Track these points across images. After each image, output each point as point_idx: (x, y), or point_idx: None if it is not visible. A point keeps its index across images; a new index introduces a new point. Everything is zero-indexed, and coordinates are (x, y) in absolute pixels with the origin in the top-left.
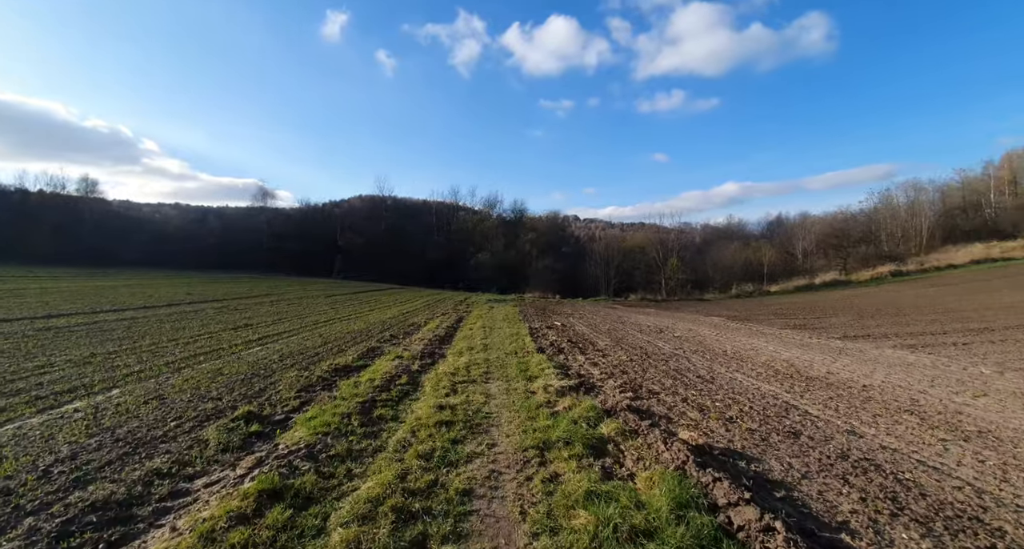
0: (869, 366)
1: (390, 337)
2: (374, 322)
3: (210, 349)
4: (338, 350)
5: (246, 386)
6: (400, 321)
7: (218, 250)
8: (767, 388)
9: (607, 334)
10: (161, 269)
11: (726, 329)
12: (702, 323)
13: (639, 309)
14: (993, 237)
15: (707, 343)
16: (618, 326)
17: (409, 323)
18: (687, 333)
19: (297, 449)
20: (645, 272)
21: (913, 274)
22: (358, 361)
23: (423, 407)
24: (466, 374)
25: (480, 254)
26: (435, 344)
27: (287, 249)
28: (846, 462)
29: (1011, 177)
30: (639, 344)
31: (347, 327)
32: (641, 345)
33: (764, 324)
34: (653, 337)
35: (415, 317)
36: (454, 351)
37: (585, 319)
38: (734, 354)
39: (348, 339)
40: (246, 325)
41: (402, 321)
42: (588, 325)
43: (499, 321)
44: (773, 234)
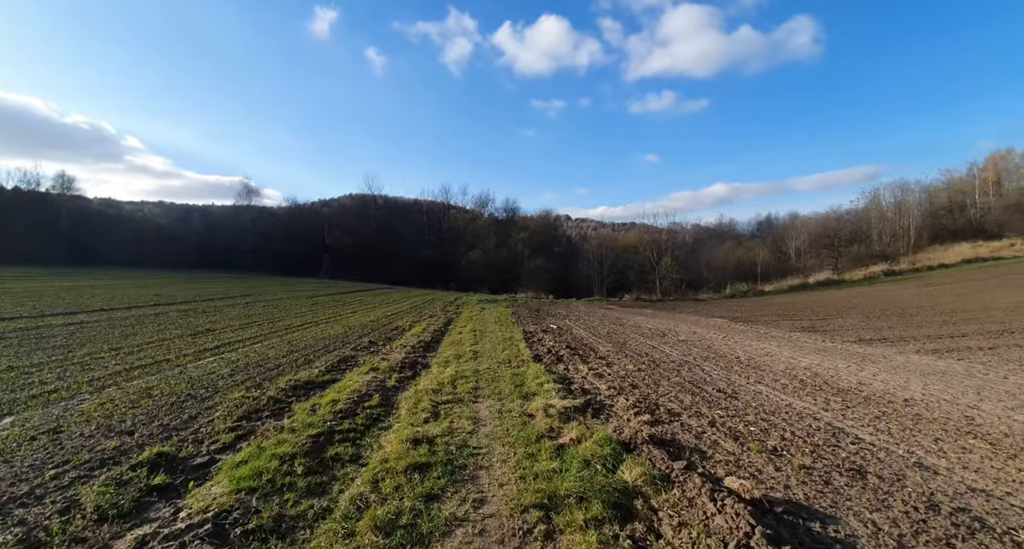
0: (900, 375)
1: (368, 344)
2: (354, 326)
3: (153, 360)
4: (304, 361)
5: (173, 413)
6: (383, 325)
7: (201, 249)
8: (800, 404)
9: (607, 338)
10: (139, 268)
11: (732, 332)
12: (705, 325)
13: (636, 310)
14: (978, 237)
15: (716, 348)
16: (618, 329)
17: (392, 327)
18: (692, 337)
19: (203, 520)
20: (639, 272)
21: (906, 273)
22: (325, 375)
23: (394, 441)
24: (451, 391)
25: (471, 253)
26: (418, 352)
27: (273, 249)
28: (939, 516)
29: (995, 178)
30: (644, 350)
31: (322, 332)
32: (646, 351)
33: (770, 326)
34: (657, 341)
35: (400, 320)
36: (440, 360)
37: (582, 321)
38: (749, 361)
39: (320, 347)
40: (208, 330)
41: (385, 325)
42: (586, 328)
43: (491, 324)
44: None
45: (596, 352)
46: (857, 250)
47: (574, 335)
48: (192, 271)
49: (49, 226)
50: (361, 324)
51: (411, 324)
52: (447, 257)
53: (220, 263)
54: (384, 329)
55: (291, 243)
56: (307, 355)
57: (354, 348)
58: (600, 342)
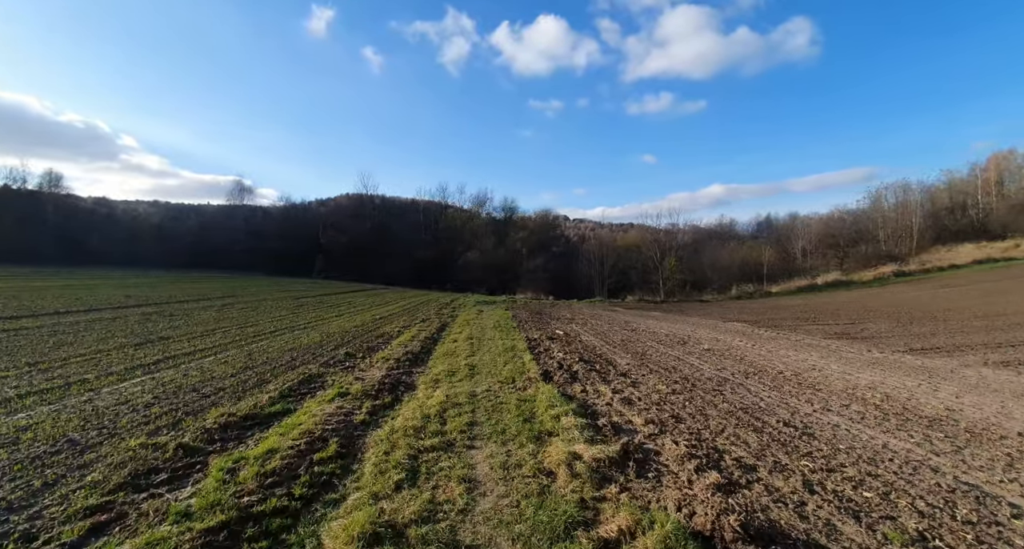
0: (988, 397)
1: (345, 357)
2: (333, 333)
3: (64, 382)
4: (257, 382)
5: (23, 479)
6: (367, 331)
7: (194, 249)
8: (898, 445)
9: (623, 347)
10: (130, 268)
11: (759, 339)
12: (725, 330)
13: (643, 312)
14: (981, 237)
15: (752, 360)
16: (631, 335)
17: (378, 334)
18: (717, 345)
19: None
20: (641, 272)
21: (916, 274)
22: (274, 405)
23: (340, 537)
24: (439, 428)
25: (469, 253)
26: (404, 367)
27: (267, 248)
28: None
29: (997, 178)
30: (669, 363)
31: (294, 341)
32: (672, 365)
33: (798, 332)
34: (680, 351)
35: (388, 325)
36: (428, 379)
37: (589, 326)
38: (798, 378)
39: (283, 361)
40: (161, 339)
41: (370, 331)
42: (596, 334)
43: (489, 330)
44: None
45: (615, 366)
46: (865, 250)
47: (584, 343)
48: (184, 270)
49: (36, 224)
50: (343, 330)
51: (400, 330)
52: (444, 257)
53: (213, 262)
54: (368, 336)
55: (285, 243)
56: (263, 373)
57: (325, 363)
58: (616, 352)
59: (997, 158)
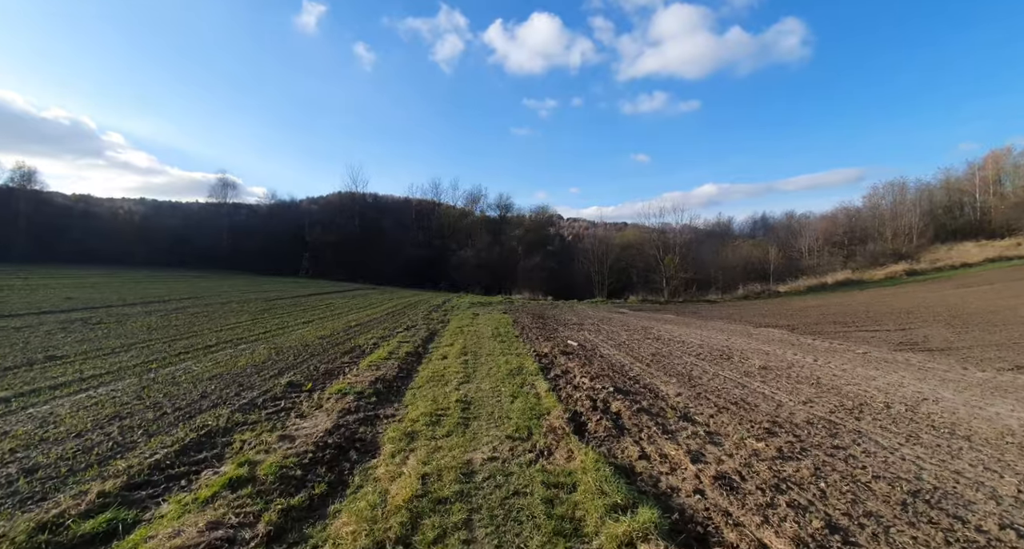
0: None
1: (285, 390)
2: (288, 347)
3: None
4: (109, 450)
5: None
6: (335, 344)
7: (175, 247)
8: None
9: (659, 365)
10: (106, 266)
11: (813, 351)
12: (764, 339)
13: (655, 315)
14: (980, 236)
15: (833, 384)
16: (659, 347)
17: (348, 348)
18: (770, 360)
19: None
20: (642, 271)
21: (929, 273)
22: (92, 516)
23: None
24: None
25: (463, 252)
26: (367, 407)
27: (252, 246)
28: None
29: (995, 176)
30: (732, 392)
31: (228, 362)
32: (738, 394)
33: (852, 340)
34: (731, 370)
35: (364, 335)
36: (399, 431)
37: (604, 333)
38: (918, 417)
39: (187, 400)
40: (51, 358)
41: (338, 344)
42: (617, 346)
43: (488, 340)
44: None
45: (664, 399)
46: (872, 249)
47: (608, 360)
48: (163, 269)
49: (6, 221)
50: (302, 344)
51: (378, 342)
52: (437, 256)
53: (195, 261)
54: (333, 353)
55: (272, 241)
56: (135, 428)
57: (249, 403)
58: (655, 375)
59: (995, 156)
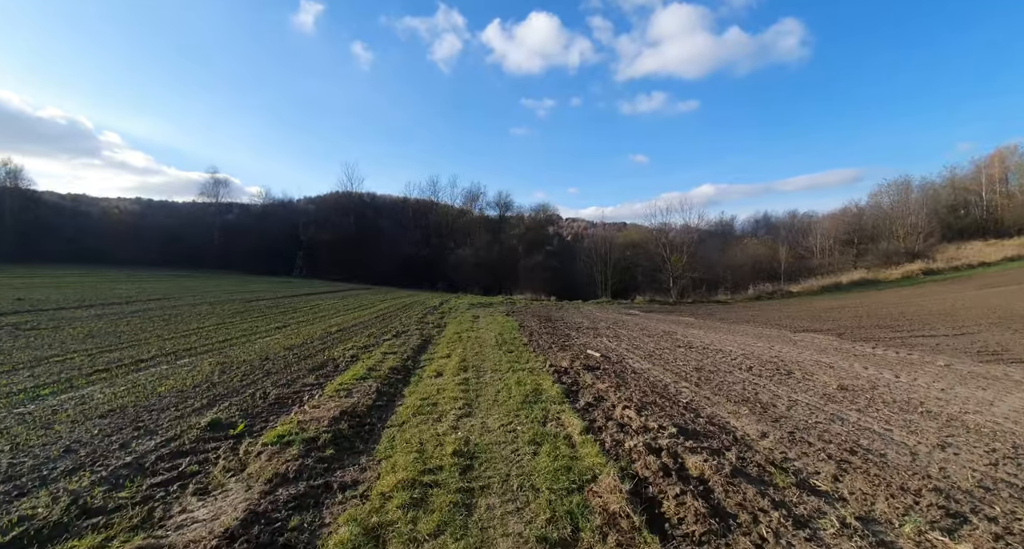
0: None
1: (198, 440)
2: (241, 362)
3: None
4: None
5: None
6: (303, 357)
7: (166, 246)
8: None
9: (710, 385)
10: (92, 266)
11: (884, 363)
12: (813, 347)
13: (670, 317)
14: (988, 235)
15: (960, 419)
16: (698, 359)
17: (318, 362)
18: (844, 377)
19: None
20: (647, 270)
21: (946, 273)
22: None
23: None
24: None
25: (461, 251)
26: (311, 477)
27: (244, 246)
28: None
29: (1002, 175)
30: (832, 431)
31: (144, 388)
32: (846, 436)
33: (914, 348)
34: (808, 394)
35: (342, 344)
36: (353, 532)
37: (625, 340)
38: None
39: (31, 468)
40: None
41: (306, 358)
42: (647, 357)
43: (491, 349)
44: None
45: (748, 444)
46: (886, 247)
47: (643, 376)
48: (150, 269)
49: None
50: (262, 357)
51: (357, 354)
52: (435, 255)
53: (186, 261)
54: (296, 370)
55: (265, 240)
56: None
57: (133, 464)
58: (714, 400)
59: (1001, 154)
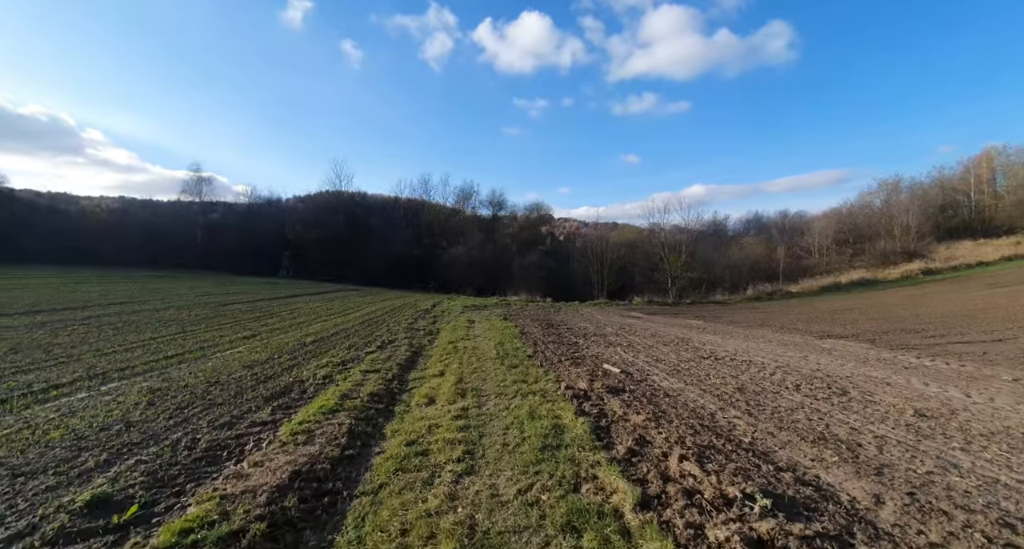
0: None
1: (63, 534)
2: (180, 389)
3: None
4: None
5: None
6: (263, 379)
7: (145, 246)
8: None
9: (766, 415)
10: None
11: (943, 378)
12: (847, 356)
13: (677, 320)
14: (978, 234)
15: None
16: (732, 374)
17: (278, 388)
18: (912, 399)
19: None
20: (645, 270)
21: (945, 272)
22: None
23: None
24: None
25: (454, 250)
26: None
27: (228, 245)
28: None
29: (989, 175)
30: (951, 485)
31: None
32: (981, 502)
33: (960, 358)
34: (888, 426)
35: (315, 360)
36: None
37: (642, 350)
38: None
39: None
40: None
41: (267, 380)
42: (674, 372)
43: (492, 364)
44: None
45: (871, 521)
46: (883, 247)
47: (679, 400)
48: (127, 269)
49: None
50: (210, 380)
51: (330, 373)
52: (427, 255)
53: (167, 260)
54: (249, 400)
55: (250, 240)
56: None
57: None
58: (783, 439)
59: (988, 154)
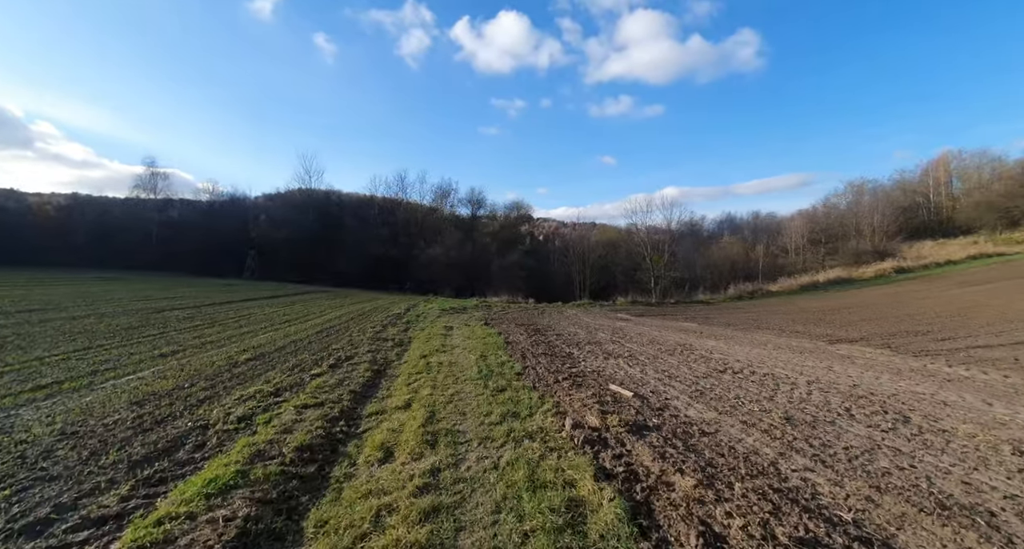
0: None
1: None
2: (22, 441)
3: None
4: None
5: None
6: (159, 418)
7: (92, 245)
8: None
9: (845, 464)
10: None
11: (1000, 394)
12: (877, 366)
13: (670, 323)
14: (937, 235)
15: None
16: (770, 397)
17: (166, 441)
18: (996, 428)
19: None
20: (628, 270)
21: (917, 270)
22: None
23: None
24: None
25: (431, 250)
26: None
27: (188, 245)
28: None
29: (946, 179)
30: None
31: None
32: None
33: (988, 365)
34: (998, 474)
35: (239, 389)
36: None
37: (649, 365)
38: None
39: None
40: None
41: (163, 419)
42: (698, 395)
43: (472, 387)
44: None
45: None
46: (855, 246)
47: (721, 442)
48: (70, 271)
49: None
50: (68, 431)
51: (253, 411)
52: (403, 255)
53: (118, 261)
54: (109, 468)
55: (212, 239)
56: None
57: None
58: (901, 513)
59: (944, 159)
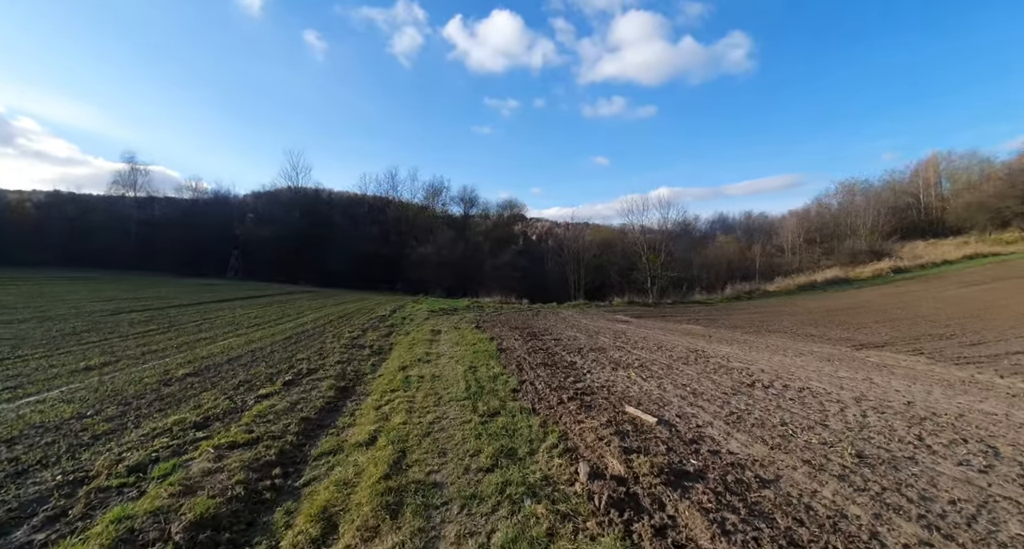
0: None
1: None
2: None
3: None
4: None
5: None
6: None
7: (69, 243)
8: None
9: (958, 532)
10: None
11: None
12: (931, 380)
13: (674, 326)
14: (928, 235)
15: None
16: (821, 420)
17: (13, 509)
18: None
19: None
20: (624, 270)
21: (914, 270)
22: None
23: None
24: None
25: (422, 249)
26: None
27: (169, 243)
28: None
29: (936, 180)
30: None
31: None
32: None
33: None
34: None
35: (157, 419)
36: None
37: (667, 377)
38: None
39: None
40: None
41: (26, 466)
42: (736, 421)
43: (457, 410)
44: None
45: None
46: (852, 246)
47: (787, 499)
48: (47, 269)
49: None
50: None
51: (161, 452)
52: (394, 253)
53: (96, 260)
54: None
55: (194, 237)
56: None
57: None
58: None
59: (935, 160)
